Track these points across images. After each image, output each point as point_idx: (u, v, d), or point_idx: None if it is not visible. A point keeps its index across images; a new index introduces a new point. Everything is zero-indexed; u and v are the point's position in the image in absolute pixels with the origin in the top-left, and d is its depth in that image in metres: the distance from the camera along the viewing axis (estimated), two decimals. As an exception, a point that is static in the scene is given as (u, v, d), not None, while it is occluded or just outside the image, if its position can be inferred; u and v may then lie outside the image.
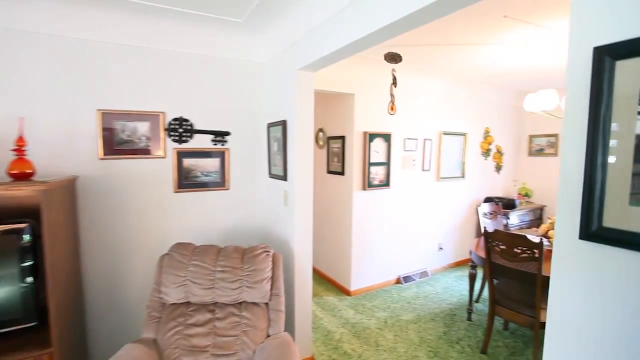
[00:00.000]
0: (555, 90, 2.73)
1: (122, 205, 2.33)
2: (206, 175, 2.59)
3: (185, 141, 2.50)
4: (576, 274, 0.83)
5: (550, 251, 2.84)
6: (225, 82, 2.62)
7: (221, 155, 2.64)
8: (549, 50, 2.93)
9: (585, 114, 0.80)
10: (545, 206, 5.16)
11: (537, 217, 5.11)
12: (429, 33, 2.63)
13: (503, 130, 5.16)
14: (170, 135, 2.45)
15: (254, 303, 1.99)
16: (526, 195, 5.13)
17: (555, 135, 5.06)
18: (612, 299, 0.77)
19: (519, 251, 2.38)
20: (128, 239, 2.36)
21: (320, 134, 4.17)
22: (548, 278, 2.45)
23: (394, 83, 3.52)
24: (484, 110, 4.83)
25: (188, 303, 1.96)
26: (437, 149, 4.32)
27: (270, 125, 2.68)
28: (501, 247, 2.48)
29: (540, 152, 5.27)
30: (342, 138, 3.74)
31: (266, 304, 2.01)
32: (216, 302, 1.98)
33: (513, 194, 5.22)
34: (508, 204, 4.61)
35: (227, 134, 2.66)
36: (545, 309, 2.55)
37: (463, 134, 4.56)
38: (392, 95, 3.64)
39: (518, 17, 2.28)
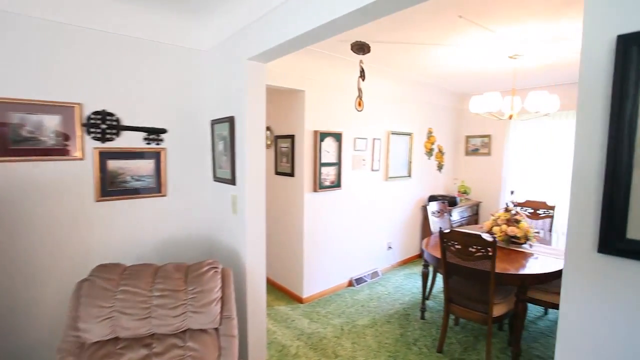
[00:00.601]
0: (499, 93, 2.84)
1: (24, 220, 1.84)
2: (138, 180, 2.20)
3: (110, 139, 2.08)
4: (594, 292, 0.75)
5: (500, 248, 2.96)
6: (160, 71, 2.25)
7: (156, 156, 2.26)
8: (496, 54, 3.04)
9: (605, 110, 0.71)
10: (481, 202, 5.52)
11: (475, 213, 5.44)
12: (382, 31, 2.55)
13: (444, 131, 5.39)
14: (90, 132, 2.02)
15: (201, 330, 1.70)
16: (465, 192, 5.43)
17: (488, 136, 5.42)
18: None
19: (473, 250, 2.41)
20: (32, 261, 1.88)
21: (268, 132, 3.91)
22: (500, 275, 2.55)
23: (362, 76, 3.17)
24: (428, 111, 4.99)
25: (116, 339, 1.60)
26: (385, 149, 4.33)
27: (214, 122, 2.37)
28: (456, 246, 2.49)
29: (475, 151, 5.61)
30: (291, 137, 3.53)
31: (216, 329, 1.73)
32: (153, 334, 1.64)
33: (454, 192, 5.48)
34: (450, 202, 4.81)
35: (163, 131, 2.28)
36: (498, 304, 2.65)
37: (409, 134, 4.65)
38: (359, 90, 3.28)
39: (473, 19, 2.29)
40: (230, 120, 2.15)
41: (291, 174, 3.58)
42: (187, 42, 2.33)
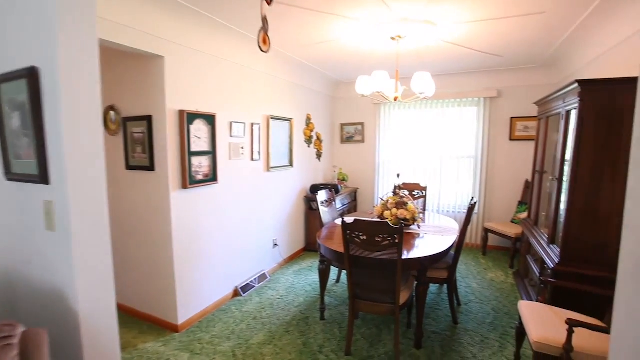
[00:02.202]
0: (386, 72, 2.73)
1: None
2: None
3: None
4: None
5: (407, 233, 2.90)
6: None
7: None
8: (379, 34, 2.92)
9: None
10: (358, 188, 5.68)
11: (354, 199, 5.55)
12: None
13: (321, 119, 5.27)
14: None
15: None
16: (344, 180, 5.47)
17: (361, 124, 5.59)
18: None
19: (380, 239, 2.20)
20: None
21: (112, 113, 2.88)
22: (404, 261, 2.40)
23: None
24: (305, 96, 4.74)
25: None
26: (265, 136, 3.85)
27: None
28: (362, 237, 2.25)
29: (350, 139, 5.72)
30: (148, 119, 2.66)
31: None
32: None
33: (333, 180, 5.45)
34: (334, 190, 4.71)
35: None
36: (402, 291, 2.55)
37: (289, 120, 4.29)
38: (264, 20, 1.85)
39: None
40: (30, 76, 1.27)
41: (150, 168, 2.71)
42: None
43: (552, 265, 2.45)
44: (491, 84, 4.65)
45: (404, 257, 2.31)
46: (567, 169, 2.52)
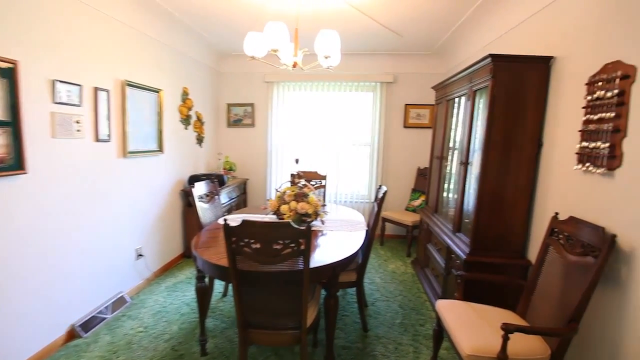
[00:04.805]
0: (284, 24, 2.10)
1: None
2: None
3: None
4: None
5: (314, 231, 2.32)
6: None
7: None
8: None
9: None
10: (248, 179, 4.95)
11: (243, 192, 4.81)
12: None
13: (202, 96, 4.33)
14: None
15: None
16: (231, 169, 4.66)
17: (251, 105, 4.85)
18: None
19: (280, 246, 1.59)
20: None
21: None
22: (316, 270, 1.76)
23: None
24: (181, 64, 3.75)
25: None
26: (119, 108, 2.79)
27: None
28: (254, 246, 1.59)
29: (238, 122, 4.93)
30: None
31: None
32: None
33: (218, 169, 4.59)
34: (218, 182, 3.89)
35: None
36: (312, 306, 1.98)
37: (157, 91, 3.27)
38: None
39: None
40: None
41: None
42: None
43: (464, 256, 2.26)
44: (388, 69, 4.51)
45: (312, 265, 1.75)
46: (476, 153, 2.36)
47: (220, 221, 2.61)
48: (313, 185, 3.67)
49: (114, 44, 2.69)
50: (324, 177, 3.76)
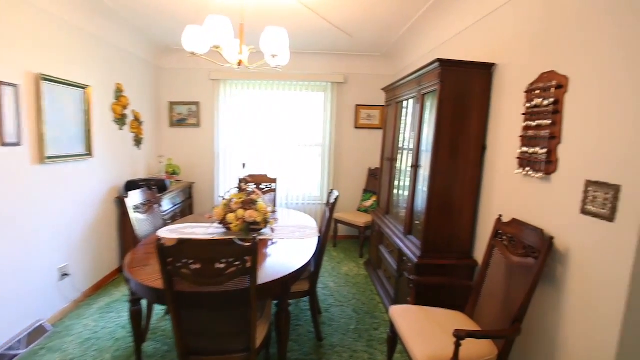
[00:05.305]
0: (228, 18, 1.93)
1: None
2: None
3: None
4: None
5: (259, 242, 2.14)
6: None
7: None
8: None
9: None
10: (194, 183, 4.64)
11: (188, 197, 4.50)
12: None
13: (141, 94, 3.95)
14: None
15: None
16: (174, 173, 4.34)
17: (196, 104, 4.54)
18: None
19: (223, 265, 1.44)
20: None
21: None
22: (261, 287, 1.63)
23: None
24: (113, 58, 3.37)
25: None
26: (33, 106, 2.41)
27: None
28: (193, 266, 1.43)
29: (182, 122, 4.60)
30: None
31: None
32: None
33: (160, 173, 4.23)
34: (159, 187, 3.58)
35: None
36: (262, 324, 1.83)
37: (83, 87, 2.89)
38: None
39: None
40: None
41: None
42: None
43: (415, 260, 2.27)
44: (339, 69, 4.47)
45: (261, 281, 1.62)
46: (425, 155, 2.38)
47: (163, 232, 2.37)
48: (263, 189, 3.52)
49: (25, 31, 2.31)
50: (274, 181, 3.62)
